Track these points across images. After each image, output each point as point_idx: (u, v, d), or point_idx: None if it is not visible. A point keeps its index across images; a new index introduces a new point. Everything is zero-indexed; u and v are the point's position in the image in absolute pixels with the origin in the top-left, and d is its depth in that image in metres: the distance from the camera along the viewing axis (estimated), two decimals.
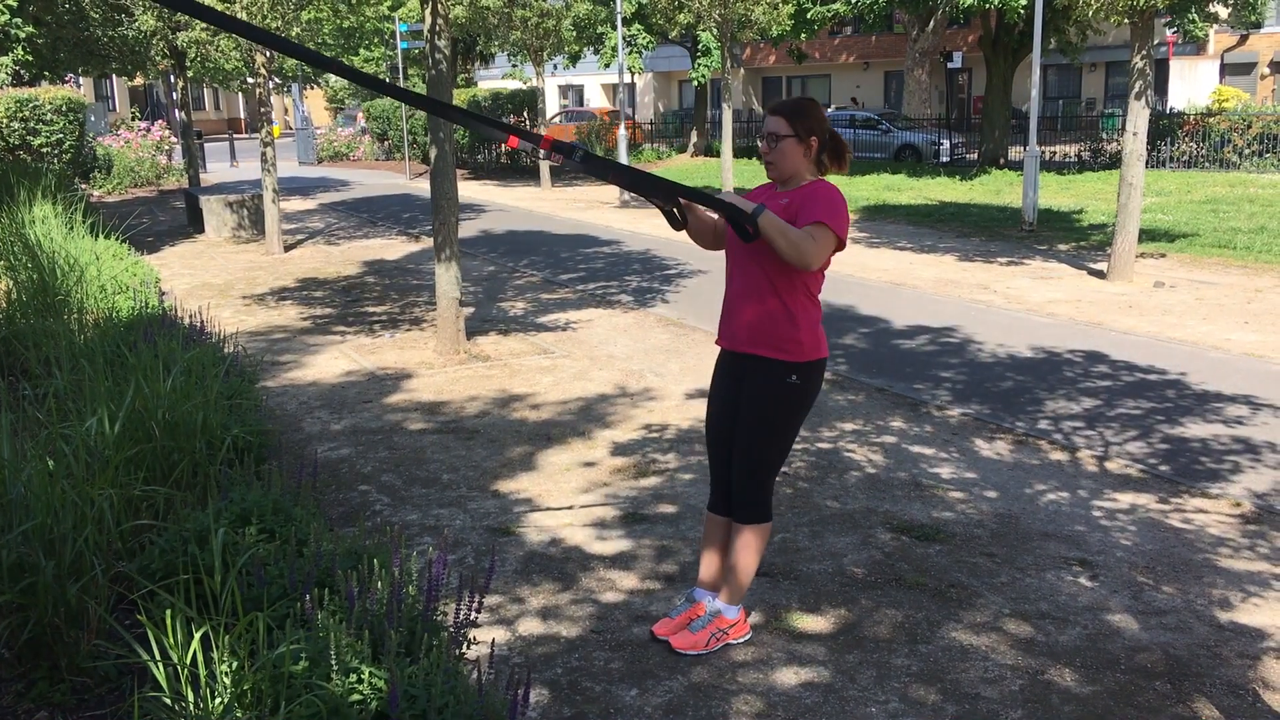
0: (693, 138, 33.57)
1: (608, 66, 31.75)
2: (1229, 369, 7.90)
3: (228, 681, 2.84)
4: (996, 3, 21.87)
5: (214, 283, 12.18)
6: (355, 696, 2.82)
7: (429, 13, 7.90)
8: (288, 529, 3.86)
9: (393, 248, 15.19)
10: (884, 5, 24.86)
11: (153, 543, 3.87)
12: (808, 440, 6.23)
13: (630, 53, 31.43)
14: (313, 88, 48.40)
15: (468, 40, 32.64)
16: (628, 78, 38.46)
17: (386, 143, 33.41)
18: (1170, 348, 8.60)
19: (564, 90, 49.63)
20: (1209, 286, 11.22)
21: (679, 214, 3.55)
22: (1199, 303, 10.37)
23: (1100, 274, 11.97)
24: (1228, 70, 36.09)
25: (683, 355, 8.43)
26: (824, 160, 3.64)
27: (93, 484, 3.80)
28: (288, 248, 14.95)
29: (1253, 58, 36.14)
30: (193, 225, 17.35)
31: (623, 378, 7.73)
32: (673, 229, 3.60)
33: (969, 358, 8.38)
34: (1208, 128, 22.21)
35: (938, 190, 21.16)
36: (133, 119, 33.10)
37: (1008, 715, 3.42)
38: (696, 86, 34.01)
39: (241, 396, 5.68)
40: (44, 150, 22.39)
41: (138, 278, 9.11)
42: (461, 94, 30.42)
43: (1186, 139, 22.41)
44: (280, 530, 3.86)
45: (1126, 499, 5.35)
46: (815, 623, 4.04)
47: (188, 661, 2.89)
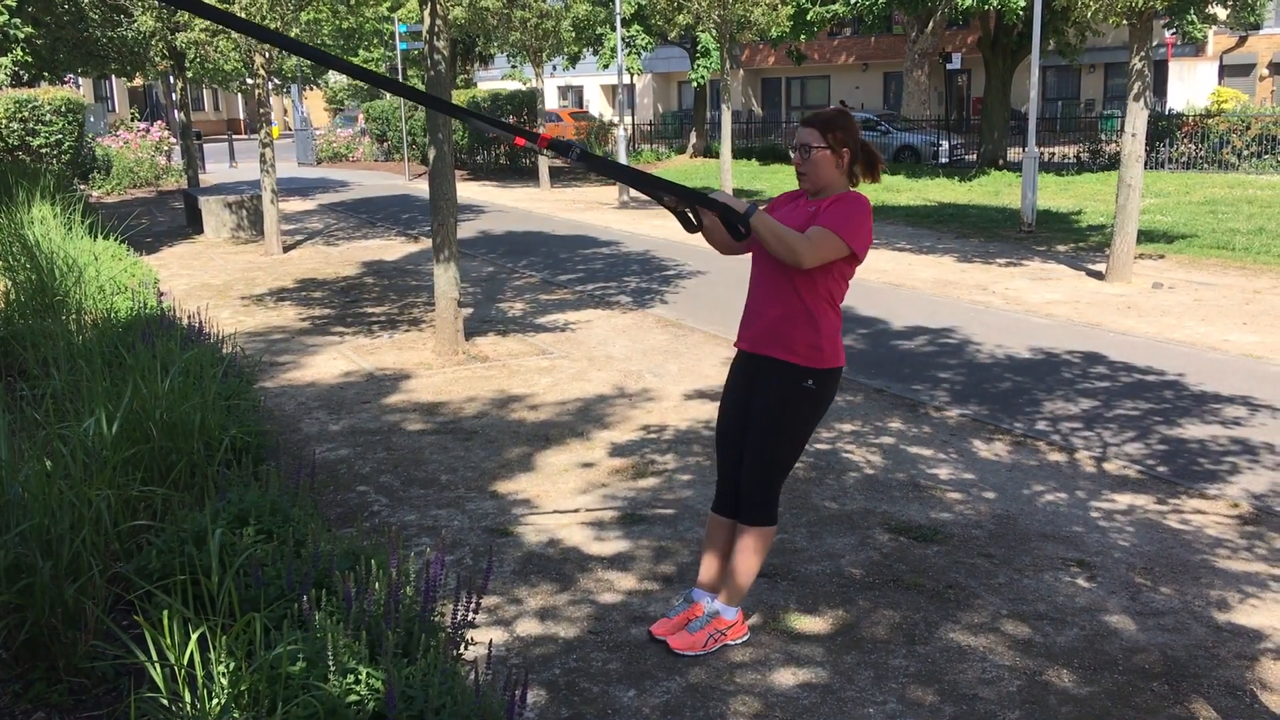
0: (692, 139, 33.60)
1: (607, 67, 31.79)
2: (1227, 370, 7.90)
3: (225, 682, 2.84)
4: (995, 4, 21.90)
5: (213, 283, 12.19)
6: (352, 697, 2.83)
7: (428, 14, 7.90)
8: (285, 529, 3.86)
9: (391, 248, 15.19)
10: (883, 6, 24.89)
11: (150, 543, 3.87)
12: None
13: (629, 54, 31.47)
14: (312, 88, 48.43)
15: (467, 41, 32.65)
16: (627, 79, 38.48)
17: (386, 143, 33.43)
18: (1168, 349, 8.60)
19: (563, 91, 49.68)
20: (1207, 287, 11.23)
21: (693, 216, 3.48)
22: (1197, 304, 10.38)
23: (1099, 275, 11.98)
24: (1226, 71, 36.13)
25: (681, 356, 8.43)
26: (856, 172, 3.64)
27: (90, 484, 3.79)
28: (286, 248, 14.95)
29: (1251, 59, 36.18)
30: (191, 226, 17.35)
31: (621, 379, 7.73)
32: (686, 232, 3.51)
33: (967, 358, 8.38)
34: (1206, 129, 22.22)
35: (937, 191, 21.17)
36: (132, 120, 33.15)
37: (1005, 716, 3.42)
38: (696, 87, 34.06)
39: (240, 397, 5.68)
40: (43, 151, 22.40)
41: (136, 278, 9.11)
42: (461, 95, 30.40)
43: (1185, 140, 22.42)
44: (278, 531, 3.86)
45: (1124, 500, 5.36)
46: (813, 623, 4.04)
47: (185, 662, 2.89)
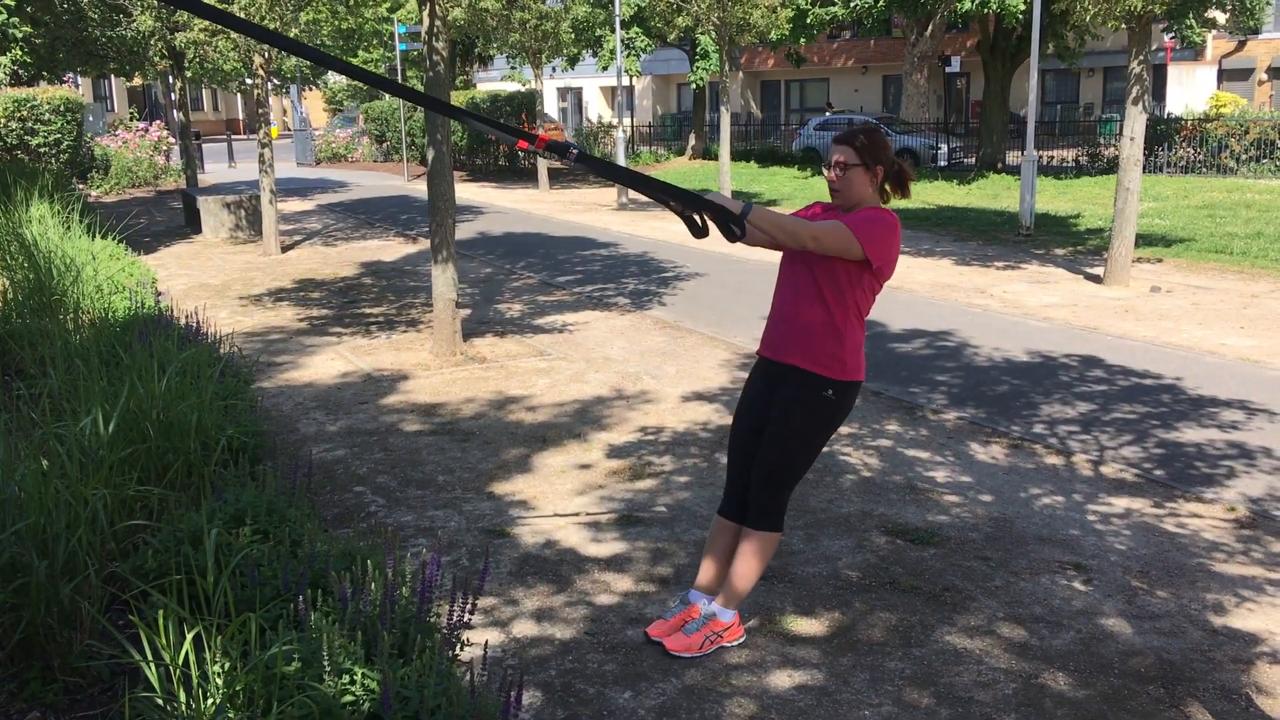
0: (691, 141, 33.60)
1: (606, 69, 31.79)
2: (1224, 374, 7.91)
3: (220, 682, 2.84)
4: (995, 7, 21.92)
5: (211, 283, 12.18)
6: (348, 698, 2.82)
7: (427, 15, 7.90)
8: (282, 530, 3.86)
9: (390, 249, 15.19)
10: (882, 9, 24.89)
11: (146, 543, 3.87)
12: None
13: (629, 55, 31.46)
14: (311, 89, 48.42)
15: (466, 42, 32.65)
16: (626, 81, 38.49)
17: (385, 144, 33.43)
18: (1166, 352, 8.61)
19: (562, 93, 49.67)
20: (1205, 291, 11.24)
21: (700, 221, 3.37)
22: (1195, 308, 10.39)
23: (1097, 279, 11.99)
24: (1225, 76, 36.15)
25: (679, 358, 8.43)
26: (887, 188, 3.67)
27: (86, 484, 3.79)
28: (285, 249, 14.95)
29: (1250, 63, 36.20)
30: (190, 226, 17.35)
31: (619, 380, 7.73)
32: (694, 237, 3.39)
33: (965, 361, 8.38)
34: (1205, 133, 22.24)
35: (935, 194, 21.18)
36: (131, 119, 33.16)
37: (1001, 718, 3.42)
38: (695, 90, 34.06)
39: (237, 397, 5.68)
40: (42, 150, 22.40)
41: (134, 278, 9.12)
42: (460, 96, 30.42)
43: (1184, 144, 22.44)
44: (274, 531, 3.86)
45: (1121, 503, 5.36)
46: (809, 625, 4.04)
47: (180, 662, 2.89)
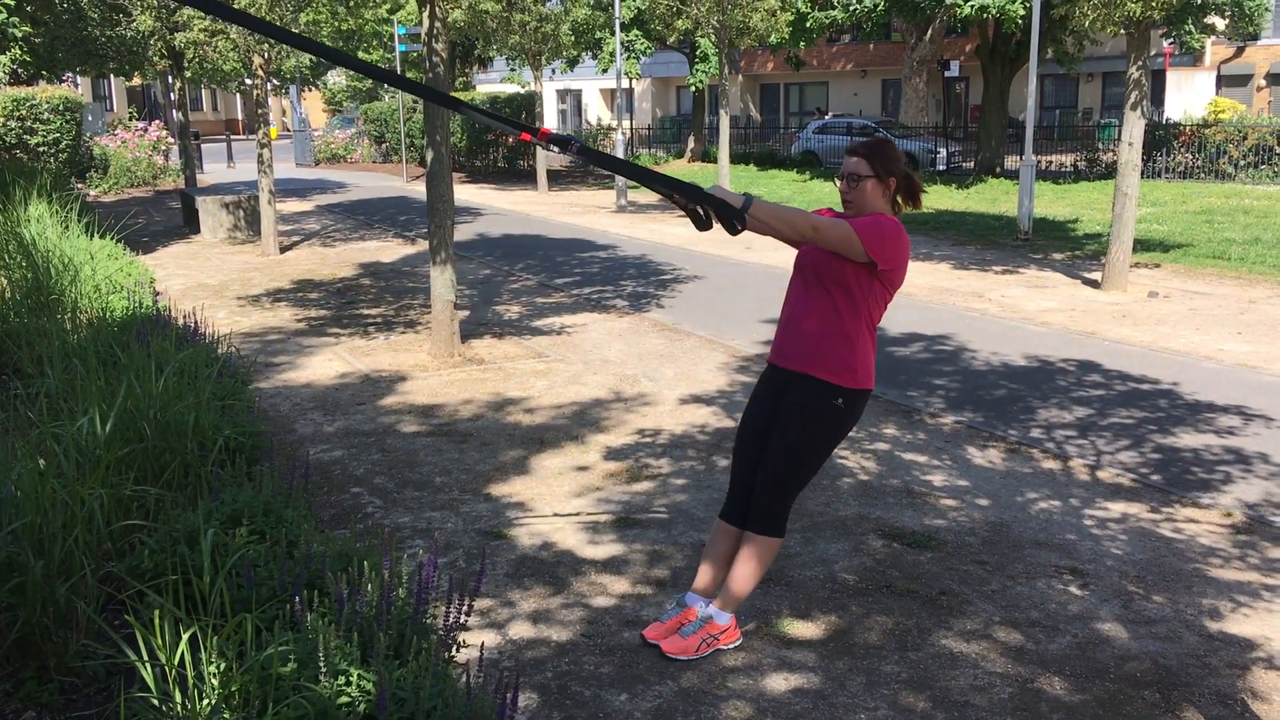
0: (690, 143, 33.62)
1: (605, 71, 31.82)
2: (1222, 379, 7.91)
3: (215, 683, 2.84)
4: (994, 12, 21.94)
5: (209, 283, 12.17)
6: (343, 699, 2.82)
7: (427, 16, 7.90)
8: (278, 530, 3.85)
9: (388, 250, 15.19)
10: (882, 13, 24.91)
11: (143, 543, 3.86)
12: None
13: (628, 58, 31.50)
14: (311, 90, 48.42)
15: (466, 44, 32.67)
16: (625, 83, 38.51)
17: (384, 145, 33.44)
18: (1163, 358, 8.62)
19: (562, 95, 49.69)
20: (1203, 297, 11.25)
21: (703, 214, 3.34)
22: (1192, 313, 10.40)
23: (1094, 283, 12.00)
24: (1224, 82, 36.20)
25: (677, 360, 8.43)
26: (898, 200, 3.69)
27: (83, 484, 3.79)
28: (283, 249, 14.94)
29: (1249, 69, 36.25)
30: (188, 226, 17.34)
31: (617, 382, 7.73)
32: (698, 230, 3.37)
33: (962, 366, 8.39)
34: (1203, 139, 22.26)
35: (934, 198, 21.18)
36: (130, 119, 33.15)
37: None
38: (694, 92, 34.10)
39: (234, 397, 5.68)
40: (40, 149, 22.40)
41: (132, 278, 9.11)
42: (459, 98, 30.40)
43: (1182, 150, 22.46)
44: (271, 532, 3.85)
45: (1118, 508, 5.36)
46: (806, 629, 4.04)
47: (176, 662, 2.88)
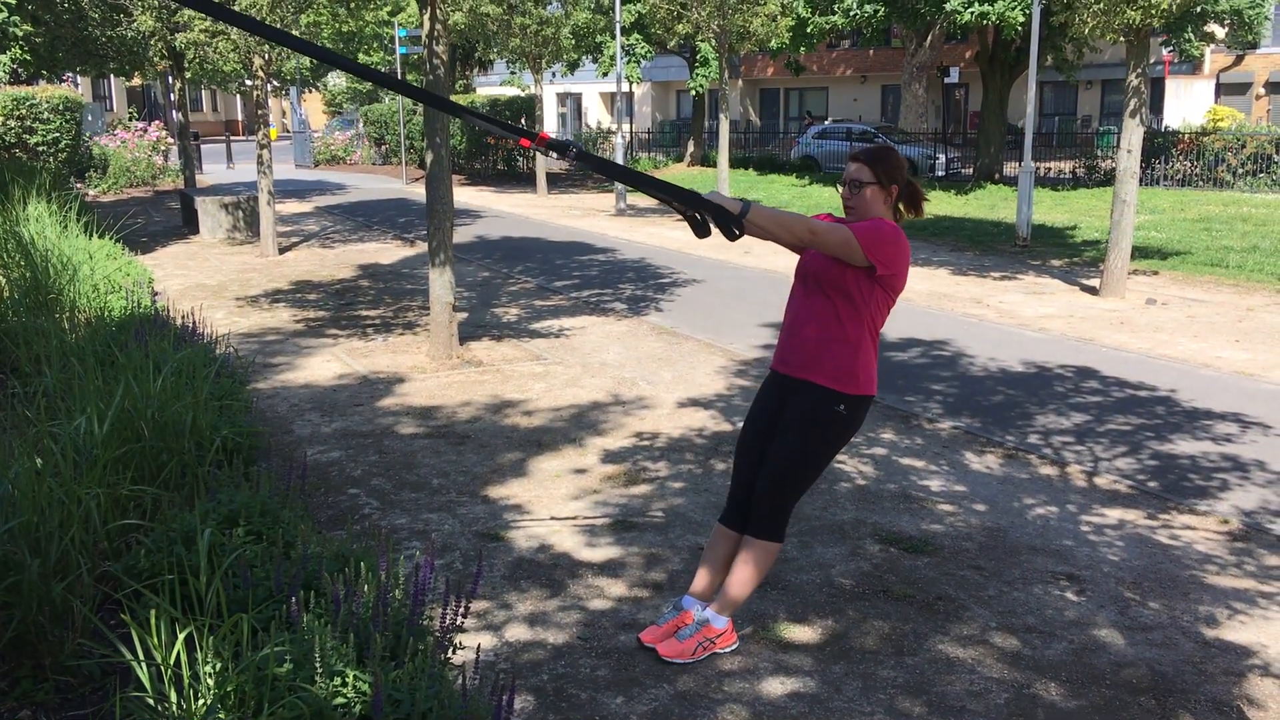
0: (689, 148, 33.65)
1: (606, 75, 31.85)
2: (1219, 387, 7.92)
3: (211, 683, 2.83)
4: (994, 19, 21.97)
5: (207, 284, 12.17)
6: (339, 700, 2.82)
7: (428, 18, 7.91)
8: (275, 531, 3.85)
9: (387, 252, 15.19)
10: (882, 19, 24.94)
11: (139, 543, 3.86)
12: None
13: (629, 62, 31.52)
14: (311, 91, 48.43)
15: (466, 47, 32.67)
16: (626, 87, 38.55)
17: (384, 147, 33.45)
18: (1161, 365, 8.62)
19: (562, 98, 49.73)
20: (1201, 304, 11.26)
21: (702, 219, 3.36)
22: (1190, 320, 10.41)
23: (1093, 290, 12.01)
24: (1223, 90, 36.25)
25: (675, 364, 8.43)
26: (900, 207, 3.69)
27: (80, 483, 3.79)
28: (282, 250, 14.94)
29: (1248, 78, 36.31)
30: (187, 226, 17.34)
31: (615, 385, 7.73)
32: (697, 237, 3.38)
33: (961, 371, 8.40)
34: (1202, 146, 22.29)
35: (933, 204, 21.12)
36: (130, 119, 33.13)
37: None
38: (694, 97, 34.11)
39: (232, 398, 5.68)
40: (40, 149, 22.40)
41: (131, 278, 9.10)
42: (459, 100, 30.44)
43: (1181, 157, 22.49)
44: (268, 532, 3.85)
45: (1115, 514, 5.36)
46: (802, 633, 4.04)
47: (171, 662, 2.88)
